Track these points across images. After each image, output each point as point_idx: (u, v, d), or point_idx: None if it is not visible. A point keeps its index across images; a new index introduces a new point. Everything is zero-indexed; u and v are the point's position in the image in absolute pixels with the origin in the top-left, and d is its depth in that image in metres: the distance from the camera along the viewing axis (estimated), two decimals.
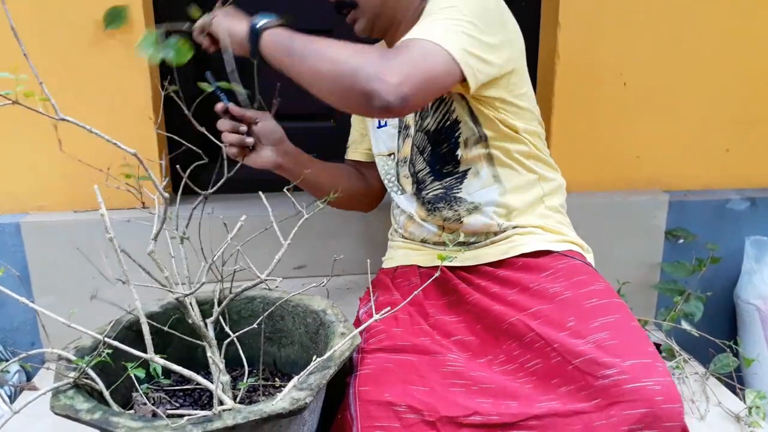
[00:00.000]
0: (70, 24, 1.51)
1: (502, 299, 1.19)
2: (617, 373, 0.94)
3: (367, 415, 1.01)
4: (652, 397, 0.91)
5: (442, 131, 1.24)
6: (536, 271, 1.21)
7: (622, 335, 1.01)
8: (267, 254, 1.07)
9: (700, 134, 1.84)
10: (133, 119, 1.57)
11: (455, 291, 1.25)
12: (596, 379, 0.96)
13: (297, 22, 1.79)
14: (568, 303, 1.11)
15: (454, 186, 1.27)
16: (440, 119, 1.24)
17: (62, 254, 1.55)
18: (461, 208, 1.28)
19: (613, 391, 0.94)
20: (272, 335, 1.30)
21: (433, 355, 1.12)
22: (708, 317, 1.70)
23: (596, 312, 1.07)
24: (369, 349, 1.13)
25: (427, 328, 1.19)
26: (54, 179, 1.61)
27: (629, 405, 0.92)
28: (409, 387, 1.05)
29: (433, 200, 1.29)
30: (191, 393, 1.19)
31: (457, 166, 1.26)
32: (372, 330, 1.17)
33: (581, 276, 1.17)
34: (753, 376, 1.74)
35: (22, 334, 1.66)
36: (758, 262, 1.83)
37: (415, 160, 1.29)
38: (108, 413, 0.91)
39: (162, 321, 1.21)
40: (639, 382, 0.92)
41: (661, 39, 1.75)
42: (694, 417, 1.43)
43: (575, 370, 0.99)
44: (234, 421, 0.88)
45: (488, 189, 1.26)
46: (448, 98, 1.21)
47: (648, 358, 0.97)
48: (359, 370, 1.09)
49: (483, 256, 1.29)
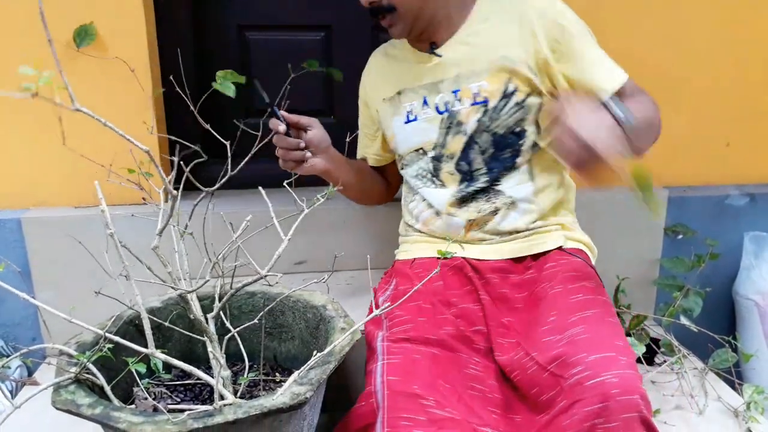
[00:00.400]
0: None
1: (510, 305, 1.22)
2: (581, 370, 0.96)
3: (395, 406, 1.00)
4: (609, 390, 0.92)
5: (508, 137, 1.25)
6: (541, 268, 1.25)
7: (594, 329, 1.04)
8: (267, 250, 1.08)
9: (699, 130, 1.84)
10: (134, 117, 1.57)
11: (471, 282, 1.27)
12: (565, 380, 0.98)
13: (296, 19, 1.81)
14: (556, 298, 1.14)
15: (495, 180, 1.28)
16: (512, 124, 1.24)
17: (63, 250, 1.55)
18: (498, 200, 1.28)
19: (576, 389, 0.96)
20: (273, 330, 1.30)
21: (456, 353, 1.13)
22: (707, 313, 1.70)
23: (577, 307, 1.10)
24: (395, 338, 1.12)
25: (450, 317, 1.19)
26: (55, 175, 1.61)
27: (588, 401, 0.93)
28: (437, 380, 1.05)
29: (473, 192, 1.29)
30: (192, 388, 1.19)
31: (512, 171, 1.27)
32: (396, 319, 1.16)
33: (575, 272, 1.21)
34: (752, 371, 1.74)
35: (23, 330, 1.66)
36: (757, 257, 1.84)
37: (472, 159, 1.27)
38: (109, 408, 0.91)
39: (163, 316, 1.22)
40: (598, 377, 0.94)
41: (660, 36, 1.75)
42: (693, 412, 1.44)
43: (550, 376, 1.01)
44: (235, 416, 0.88)
45: (524, 185, 1.28)
46: (528, 106, 1.23)
47: (612, 351, 0.98)
48: (386, 359, 1.08)
49: (502, 252, 1.30)
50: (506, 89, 1.22)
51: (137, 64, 1.53)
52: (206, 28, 1.78)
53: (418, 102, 1.30)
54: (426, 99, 1.29)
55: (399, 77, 1.33)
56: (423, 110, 1.30)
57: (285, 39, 1.81)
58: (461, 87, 1.25)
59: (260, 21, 1.80)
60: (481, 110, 1.24)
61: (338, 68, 1.82)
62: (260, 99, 1.25)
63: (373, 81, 1.42)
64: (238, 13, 1.78)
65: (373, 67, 1.43)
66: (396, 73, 1.34)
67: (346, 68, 1.81)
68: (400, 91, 1.32)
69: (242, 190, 1.72)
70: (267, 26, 1.81)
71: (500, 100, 1.23)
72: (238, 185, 1.51)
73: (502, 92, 1.22)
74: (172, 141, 1.25)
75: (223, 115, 1.80)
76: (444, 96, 1.27)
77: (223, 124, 1.35)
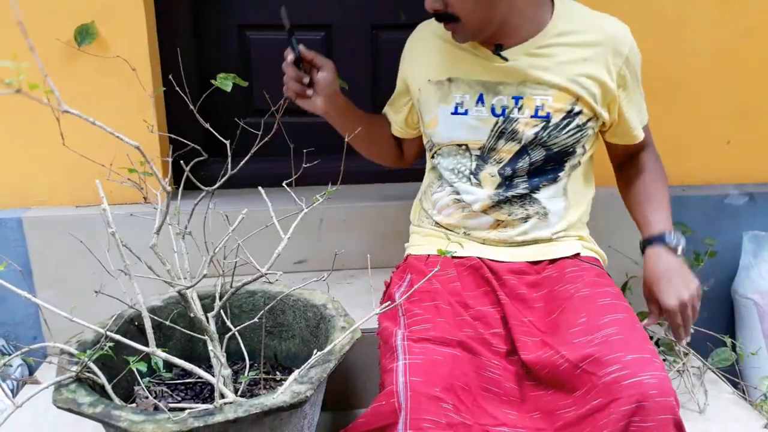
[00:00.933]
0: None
1: (528, 305, 1.22)
2: (618, 369, 0.97)
3: (418, 407, 0.99)
4: (647, 390, 0.94)
5: (560, 155, 1.25)
6: (561, 271, 1.25)
7: (627, 332, 1.05)
8: (267, 249, 1.08)
9: (698, 130, 1.85)
10: (134, 115, 1.57)
11: (488, 282, 1.25)
12: (600, 378, 0.98)
13: (296, 17, 1.81)
14: (584, 300, 1.15)
15: (536, 190, 1.28)
16: (569, 144, 1.24)
17: (64, 249, 1.56)
18: (532, 209, 1.28)
19: (613, 388, 0.96)
20: (273, 329, 1.30)
21: (475, 355, 1.12)
22: (706, 312, 1.70)
23: (607, 309, 1.11)
24: (416, 338, 1.10)
25: (469, 320, 1.18)
26: (56, 174, 1.61)
27: (626, 400, 0.94)
28: (455, 383, 1.04)
29: (510, 198, 1.28)
30: (193, 386, 1.20)
31: (553, 181, 1.28)
32: (415, 317, 1.15)
33: (598, 278, 1.22)
34: (751, 370, 1.75)
35: (25, 329, 1.66)
36: (756, 256, 1.84)
37: (519, 166, 1.25)
38: (110, 407, 0.91)
39: (163, 315, 1.22)
40: (636, 377, 0.95)
41: (659, 35, 1.75)
42: (693, 410, 1.44)
43: (583, 373, 1.02)
44: (235, 415, 0.88)
45: (558, 199, 1.28)
46: (587, 128, 1.24)
47: (647, 353, 1.00)
48: (408, 358, 1.06)
49: (519, 255, 1.29)
50: (572, 110, 1.21)
51: (137, 63, 1.53)
52: (206, 27, 1.78)
53: (471, 97, 1.25)
54: (482, 96, 1.24)
55: (453, 63, 1.27)
56: (476, 107, 1.25)
57: (285, 38, 1.81)
58: (524, 95, 1.21)
59: (260, 20, 1.80)
60: (542, 124, 1.21)
61: (338, 67, 1.81)
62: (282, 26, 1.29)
63: (419, 58, 1.34)
64: (238, 12, 1.79)
65: (421, 44, 1.34)
66: (449, 58, 1.28)
67: (345, 68, 1.81)
68: (452, 79, 1.26)
69: (242, 189, 1.72)
70: (267, 26, 1.81)
71: (563, 119, 1.21)
72: (238, 184, 1.51)
73: (567, 112, 1.21)
74: (172, 140, 1.25)
75: (223, 114, 1.81)
76: (502, 99, 1.23)
77: (223, 123, 1.36)
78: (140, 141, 0.89)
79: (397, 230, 1.52)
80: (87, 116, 0.83)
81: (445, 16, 1.17)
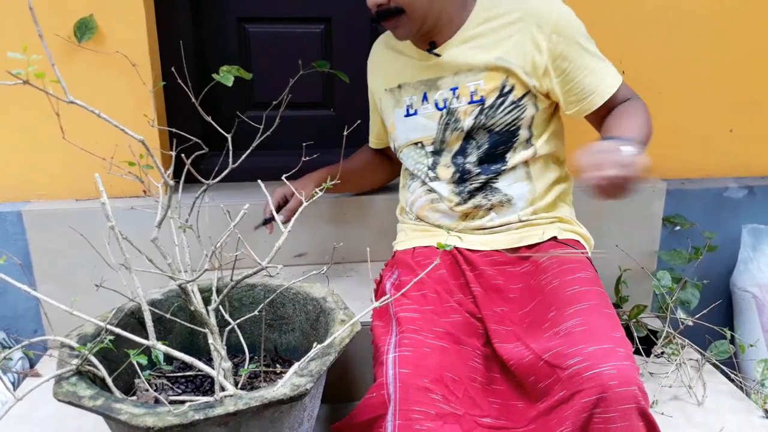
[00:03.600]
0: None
1: (504, 295, 1.24)
2: (579, 361, 0.98)
3: (406, 398, 1.01)
4: (607, 381, 0.94)
5: (503, 134, 1.27)
6: (536, 261, 1.26)
7: (592, 321, 1.05)
8: (267, 242, 1.08)
9: (698, 122, 1.84)
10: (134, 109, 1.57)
11: (463, 273, 1.28)
12: (563, 370, 1.00)
13: (295, 11, 1.81)
14: (554, 292, 1.16)
15: (492, 178, 1.30)
16: (508, 122, 1.26)
17: (64, 242, 1.56)
18: (494, 198, 1.30)
19: (575, 380, 0.98)
20: (273, 322, 1.31)
21: (462, 345, 1.15)
22: (705, 305, 1.71)
23: (574, 299, 1.12)
24: (404, 330, 1.12)
25: (456, 306, 1.21)
26: (56, 168, 1.61)
27: (587, 392, 0.95)
28: (444, 374, 1.06)
29: (471, 190, 1.31)
30: (193, 379, 1.20)
31: (504, 165, 1.29)
32: (403, 307, 1.17)
33: (571, 264, 1.22)
34: (749, 363, 1.75)
35: (25, 322, 1.67)
36: (755, 250, 1.84)
37: (468, 154, 1.30)
38: (110, 400, 0.92)
39: (164, 308, 1.22)
40: (596, 369, 0.96)
41: (659, 27, 1.75)
42: (690, 402, 1.45)
43: (546, 366, 1.04)
44: (235, 407, 0.89)
45: (521, 184, 1.30)
46: (523, 104, 1.24)
47: (610, 343, 1.00)
48: (398, 351, 1.08)
49: (495, 243, 1.32)
50: (503, 88, 1.24)
51: (137, 57, 1.53)
52: (206, 20, 1.78)
53: (417, 97, 1.32)
54: (426, 95, 1.31)
55: (400, 70, 1.35)
56: (423, 105, 1.31)
57: (284, 31, 1.81)
58: (459, 85, 1.27)
59: (260, 13, 1.80)
60: (478, 108, 1.26)
61: (338, 60, 1.81)
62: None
63: (376, 70, 1.44)
64: (238, 5, 1.78)
65: (375, 57, 1.45)
66: (397, 66, 1.36)
67: (346, 61, 1.81)
68: (401, 84, 1.34)
69: (242, 182, 1.72)
70: (266, 18, 1.80)
71: (497, 98, 1.25)
72: (238, 178, 1.51)
73: (499, 91, 1.24)
74: (172, 134, 1.25)
75: (223, 107, 1.81)
76: (443, 93, 1.29)
77: (224, 117, 1.36)
78: (141, 135, 0.89)
79: (396, 223, 1.52)
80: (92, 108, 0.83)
81: (388, 11, 1.21)
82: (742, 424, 1.39)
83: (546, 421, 1.01)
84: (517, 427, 1.06)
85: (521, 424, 1.06)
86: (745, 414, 1.42)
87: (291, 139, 1.51)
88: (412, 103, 1.33)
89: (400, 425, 0.99)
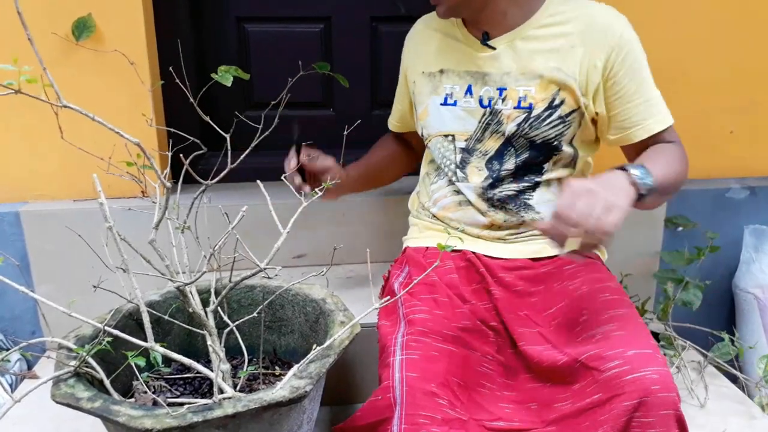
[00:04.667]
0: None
1: (524, 299, 1.21)
2: (620, 364, 0.97)
3: (413, 402, 1.00)
4: (649, 386, 0.94)
5: (544, 147, 1.22)
6: (559, 267, 1.24)
7: (628, 327, 1.05)
8: (266, 243, 1.07)
9: (699, 123, 1.84)
10: (132, 108, 1.56)
11: (483, 278, 1.25)
12: (601, 373, 0.98)
13: (294, 10, 1.80)
14: (584, 297, 1.15)
15: (527, 191, 1.26)
16: (551, 137, 1.20)
17: (62, 243, 1.55)
18: (527, 214, 1.26)
19: (614, 383, 0.96)
20: (272, 324, 1.30)
21: (471, 350, 1.13)
22: (706, 306, 1.70)
23: (607, 305, 1.11)
24: (413, 332, 1.11)
25: (467, 312, 1.18)
26: (53, 168, 1.60)
27: (628, 395, 0.94)
28: (451, 379, 1.05)
29: (503, 199, 1.26)
30: (191, 381, 1.19)
31: (539, 177, 1.25)
32: (414, 309, 1.15)
33: (598, 273, 1.21)
34: (751, 365, 1.74)
35: (23, 323, 1.66)
36: (757, 251, 1.84)
37: (505, 161, 1.24)
38: (109, 402, 0.91)
39: (162, 310, 1.22)
40: (638, 372, 0.95)
41: (660, 27, 1.74)
42: (693, 404, 1.44)
43: (582, 368, 1.02)
44: (234, 410, 0.88)
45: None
46: (569, 121, 1.19)
47: (649, 348, 1.00)
48: (405, 354, 1.07)
49: (516, 252, 1.28)
50: (553, 100, 1.18)
51: (136, 56, 1.52)
52: (205, 20, 1.77)
53: (460, 87, 1.25)
54: (471, 87, 1.24)
55: (446, 54, 1.28)
56: (465, 98, 1.25)
57: (284, 31, 1.81)
58: (508, 87, 1.21)
59: (259, 13, 1.79)
60: (524, 115, 1.20)
61: (338, 60, 1.81)
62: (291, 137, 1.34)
63: (415, 51, 1.35)
64: (237, 4, 1.78)
65: (417, 37, 1.36)
66: (443, 49, 1.29)
67: (345, 61, 1.80)
68: (443, 70, 1.27)
69: (241, 183, 1.71)
70: (266, 18, 1.80)
71: (545, 110, 1.19)
72: (237, 178, 1.50)
73: (548, 102, 1.19)
74: (171, 133, 1.25)
75: (222, 107, 1.80)
76: (489, 90, 1.22)
77: (223, 117, 1.35)
78: (139, 134, 0.88)
79: (396, 224, 1.51)
80: (86, 112, 0.83)
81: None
82: (745, 426, 1.38)
83: (575, 423, 1.00)
84: (535, 428, 1.04)
85: (539, 426, 1.04)
86: (748, 417, 1.41)
87: (290, 139, 1.50)
88: (453, 93, 1.26)
89: (406, 429, 0.98)
